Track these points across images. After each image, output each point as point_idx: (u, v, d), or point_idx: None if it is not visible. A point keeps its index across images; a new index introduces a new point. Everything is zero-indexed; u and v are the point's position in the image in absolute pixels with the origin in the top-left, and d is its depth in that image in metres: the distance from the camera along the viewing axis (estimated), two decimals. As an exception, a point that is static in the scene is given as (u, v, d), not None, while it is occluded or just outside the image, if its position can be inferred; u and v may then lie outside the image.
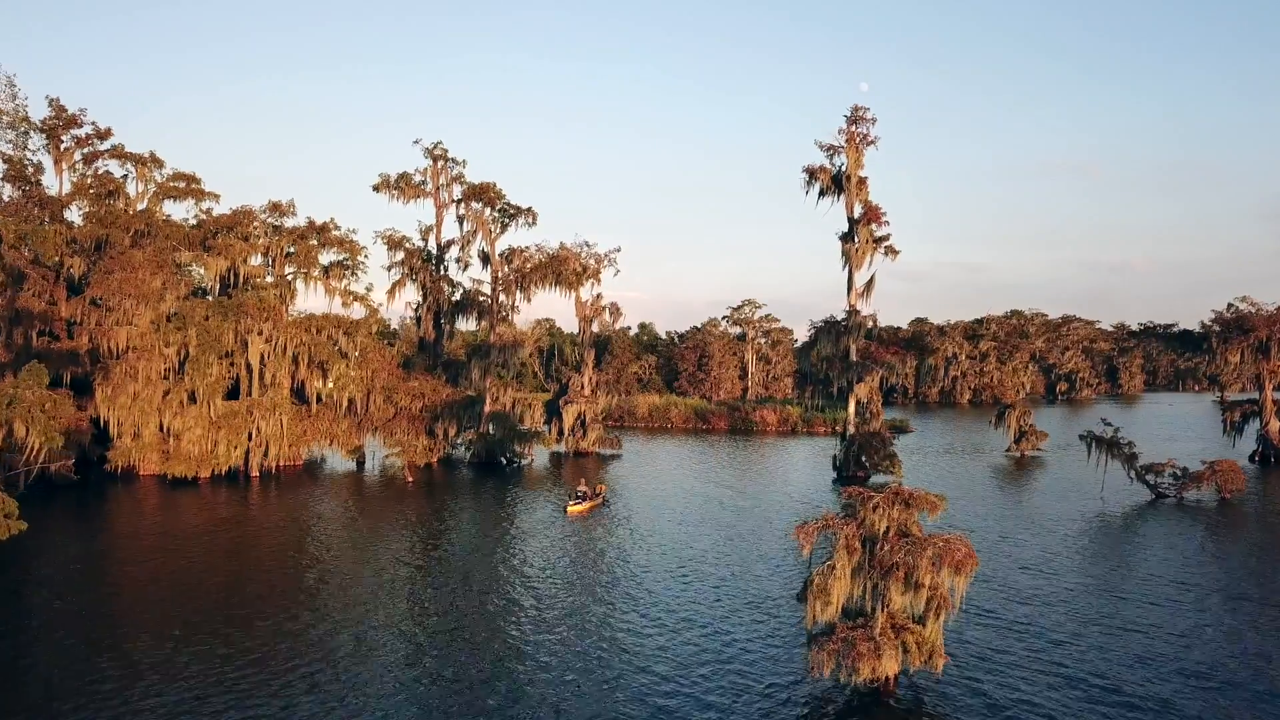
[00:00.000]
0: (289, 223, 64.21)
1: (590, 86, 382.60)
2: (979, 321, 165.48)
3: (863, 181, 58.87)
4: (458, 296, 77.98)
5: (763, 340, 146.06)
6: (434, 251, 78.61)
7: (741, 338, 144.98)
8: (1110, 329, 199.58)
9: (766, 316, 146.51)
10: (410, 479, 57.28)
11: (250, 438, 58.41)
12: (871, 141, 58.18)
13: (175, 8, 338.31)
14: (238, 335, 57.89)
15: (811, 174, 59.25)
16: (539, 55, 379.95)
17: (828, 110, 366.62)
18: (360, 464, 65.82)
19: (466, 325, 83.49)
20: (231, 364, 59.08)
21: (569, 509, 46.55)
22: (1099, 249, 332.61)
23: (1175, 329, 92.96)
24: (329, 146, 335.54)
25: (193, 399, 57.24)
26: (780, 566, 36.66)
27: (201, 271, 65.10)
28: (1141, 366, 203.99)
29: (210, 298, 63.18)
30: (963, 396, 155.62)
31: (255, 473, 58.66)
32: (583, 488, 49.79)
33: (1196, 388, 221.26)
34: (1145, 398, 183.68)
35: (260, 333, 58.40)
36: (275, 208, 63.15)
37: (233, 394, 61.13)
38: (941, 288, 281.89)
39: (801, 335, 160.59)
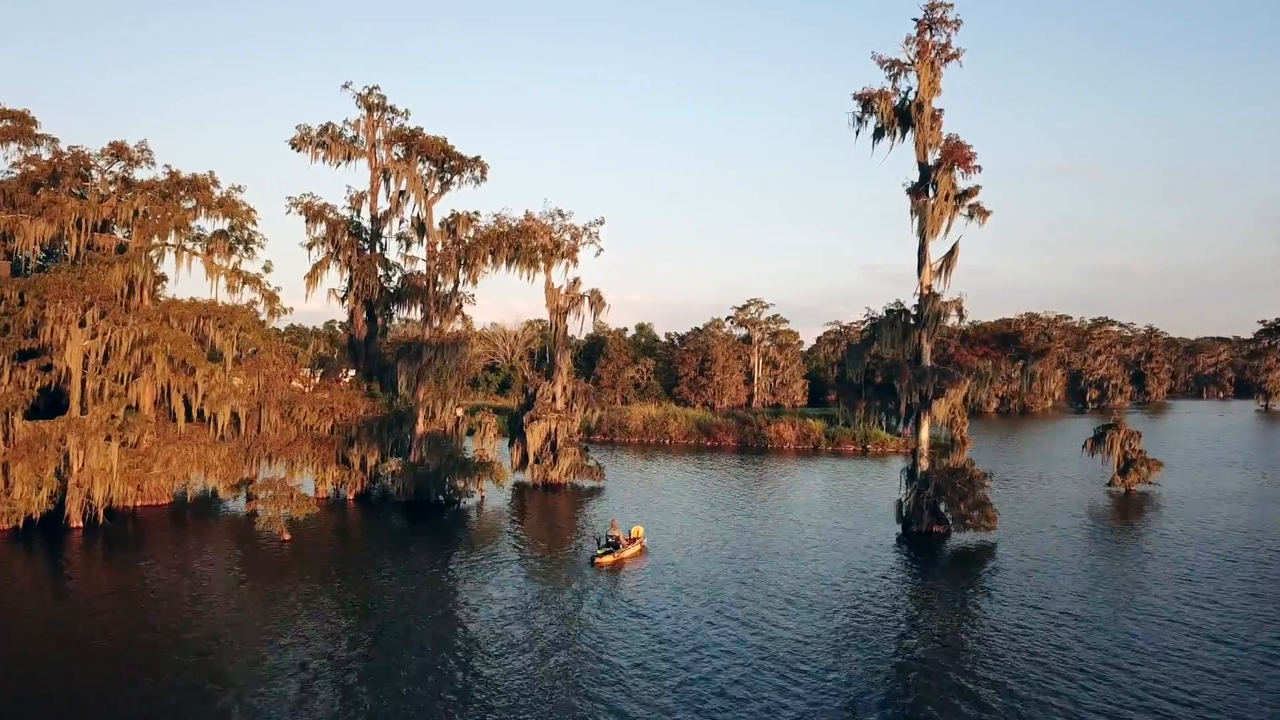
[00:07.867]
0: (143, 175, 46.63)
1: (589, 87, 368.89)
2: (1005, 323, 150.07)
3: (938, 114, 41.74)
4: (396, 282, 60.66)
5: (769, 343, 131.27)
6: (367, 225, 61.38)
7: (747, 340, 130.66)
8: (1131, 333, 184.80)
9: (774, 317, 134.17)
10: (287, 537, 39.44)
11: (72, 472, 41.00)
12: (954, 55, 40.83)
13: (176, 9, 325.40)
14: (51, 327, 40.53)
15: (866, 102, 41.75)
16: (538, 57, 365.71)
17: (827, 110, 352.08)
18: (250, 501, 48.64)
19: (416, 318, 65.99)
20: (46, 369, 41.75)
21: (597, 559, 36.42)
22: (1100, 253, 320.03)
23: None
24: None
25: (-18, 418, 40.06)
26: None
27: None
28: (1170, 373, 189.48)
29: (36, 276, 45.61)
30: (990, 405, 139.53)
31: (78, 522, 41.23)
32: (614, 531, 38.39)
33: (1221, 395, 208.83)
34: (1175, 406, 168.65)
35: (83, 324, 41.07)
36: (119, 151, 45.30)
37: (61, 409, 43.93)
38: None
39: (808, 339, 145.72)
